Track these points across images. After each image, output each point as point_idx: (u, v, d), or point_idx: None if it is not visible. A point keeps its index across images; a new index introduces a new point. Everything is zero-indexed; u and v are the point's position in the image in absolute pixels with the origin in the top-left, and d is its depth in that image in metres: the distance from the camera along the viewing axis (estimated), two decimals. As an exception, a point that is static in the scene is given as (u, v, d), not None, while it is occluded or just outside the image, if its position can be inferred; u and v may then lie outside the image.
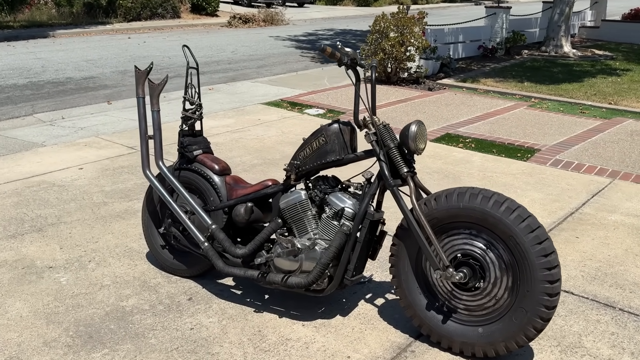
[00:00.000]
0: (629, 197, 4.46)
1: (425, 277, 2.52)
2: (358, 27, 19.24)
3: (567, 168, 5.20)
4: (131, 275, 3.19)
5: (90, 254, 3.44)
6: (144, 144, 3.07)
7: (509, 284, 2.32)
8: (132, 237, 3.68)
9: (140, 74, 3.04)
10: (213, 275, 3.15)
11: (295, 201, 2.70)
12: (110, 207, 4.20)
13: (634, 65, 10.91)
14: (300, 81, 9.34)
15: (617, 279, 3.16)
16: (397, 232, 2.54)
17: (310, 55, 12.75)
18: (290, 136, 6.14)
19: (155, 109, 3.04)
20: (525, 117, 7.07)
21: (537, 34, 13.88)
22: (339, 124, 2.63)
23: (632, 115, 7.27)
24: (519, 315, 2.26)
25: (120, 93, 8.75)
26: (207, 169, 3.00)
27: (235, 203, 2.88)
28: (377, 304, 2.89)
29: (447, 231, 2.42)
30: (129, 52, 12.86)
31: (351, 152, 2.63)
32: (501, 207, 2.26)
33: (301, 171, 2.71)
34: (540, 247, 2.20)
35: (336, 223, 2.61)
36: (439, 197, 2.40)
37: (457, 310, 2.46)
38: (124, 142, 5.88)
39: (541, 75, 9.81)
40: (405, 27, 8.72)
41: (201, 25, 20.03)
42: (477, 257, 2.35)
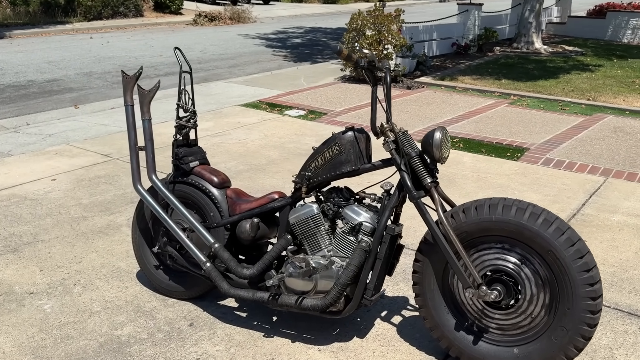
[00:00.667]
0: (627, 196, 4.41)
1: (453, 295, 2.35)
2: (327, 25, 19.08)
3: (559, 167, 5.13)
4: (123, 299, 2.92)
5: (75, 276, 3.15)
6: (134, 156, 2.80)
7: (546, 301, 2.17)
8: (118, 255, 3.40)
9: (128, 79, 2.77)
10: (213, 296, 2.92)
11: (306, 215, 2.49)
12: (91, 221, 3.90)
13: (605, 60, 11.05)
14: (277, 81, 9.10)
15: (634, 285, 3.06)
16: (421, 247, 2.36)
17: (283, 54, 12.50)
18: (274, 139, 5.91)
19: (146, 117, 2.78)
20: (508, 115, 7.01)
21: (507, 30, 13.97)
22: (353, 132, 2.44)
23: (612, 111, 7.31)
24: (559, 334, 2.11)
25: (87, 96, 8.34)
26: (206, 182, 2.76)
27: (239, 219, 2.65)
28: (395, 322, 2.71)
29: (477, 245, 2.26)
30: (92, 53, 12.35)
31: (367, 162, 2.44)
32: (538, 220, 2.10)
33: (312, 183, 2.50)
34: (582, 261, 2.05)
35: (353, 239, 2.42)
36: (467, 209, 2.23)
37: (489, 330, 2.30)
38: (97, 150, 5.55)
39: (517, 72, 9.82)
40: (383, 25, 8.58)
41: (165, 23, 19.52)
42: (511, 273, 2.19)
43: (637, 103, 7.66)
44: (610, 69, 10.12)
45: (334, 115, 6.85)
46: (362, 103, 7.49)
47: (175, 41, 14.48)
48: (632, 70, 10.03)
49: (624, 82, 9.00)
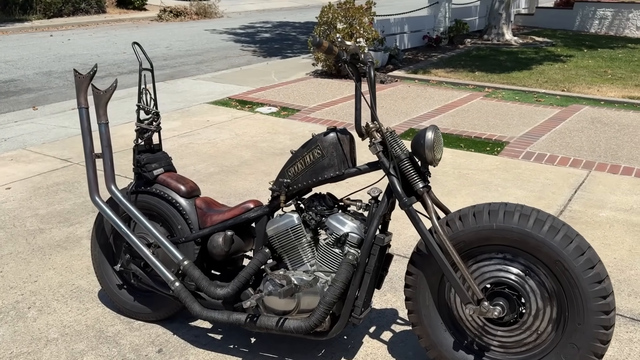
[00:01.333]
0: (612, 190, 4.29)
1: (450, 310, 2.14)
2: (296, 19, 18.76)
3: (540, 161, 4.99)
4: (83, 323, 2.63)
5: (29, 298, 2.85)
6: (90, 164, 2.51)
7: (553, 316, 1.97)
8: (78, 273, 3.10)
9: (81, 79, 2.48)
10: (184, 317, 2.65)
11: (286, 227, 2.24)
12: (48, 234, 3.58)
13: (575, 51, 11.05)
14: (246, 77, 8.79)
15: (632, 287, 2.91)
16: (414, 259, 2.14)
17: (252, 49, 12.18)
18: (246, 138, 5.64)
19: (103, 121, 2.49)
20: (484, 108, 6.87)
21: (477, 22, 13.91)
22: (336, 133, 2.19)
23: (586, 101, 7.23)
24: (569, 352, 1.92)
25: (47, 97, 7.91)
26: (172, 191, 2.49)
27: (210, 232, 2.38)
28: (385, 338, 2.49)
29: (475, 256, 2.05)
30: (52, 52, 11.83)
31: (352, 166, 2.20)
32: (544, 227, 1.90)
33: (292, 190, 2.26)
34: (593, 272, 1.86)
35: (338, 251, 2.18)
36: (464, 216, 2.02)
37: (490, 348, 2.09)
38: (56, 154, 5.19)
39: (489, 64, 9.72)
40: (354, 18, 8.35)
41: (129, 19, 18.95)
42: (514, 286, 1.99)
43: (611, 93, 7.62)
44: (581, 59, 10.11)
45: (307, 112, 6.59)
46: (336, 99, 7.26)
47: (139, 37, 14.00)
48: (602, 60, 10.03)
49: (596, 72, 8.97)
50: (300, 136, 5.70)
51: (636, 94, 7.56)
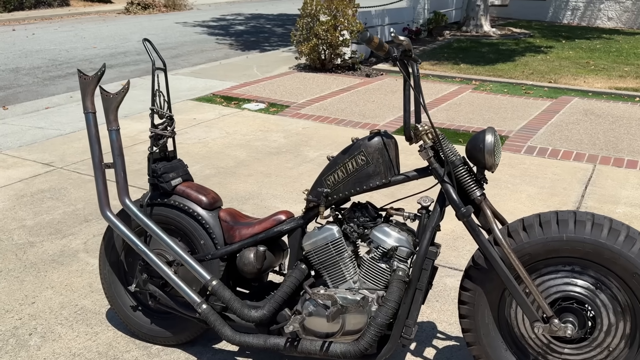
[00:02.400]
0: (622, 184, 4.22)
1: (510, 327, 1.98)
2: (268, 11, 18.42)
3: (543, 155, 4.91)
4: (94, 350, 2.39)
5: (29, 323, 2.58)
6: (99, 175, 2.26)
7: (626, 332, 1.83)
8: (80, 291, 2.84)
9: (87, 81, 2.22)
10: (207, 339, 2.43)
11: (326, 240, 2.04)
12: (40, 248, 3.29)
13: (553, 42, 11.09)
14: (227, 72, 8.50)
15: (670, 288, 2.81)
16: (472, 274, 1.97)
17: (228, 43, 11.84)
18: (238, 137, 5.39)
19: (114, 127, 2.24)
20: (475, 102, 6.77)
21: (453, 14, 13.84)
22: (381, 137, 2.00)
23: (575, 93, 7.21)
24: (646, 370, 1.79)
25: (17, 95, 7.48)
26: (192, 203, 2.26)
27: (240, 247, 2.17)
28: (428, 356, 2.32)
29: (540, 269, 1.89)
30: (17, 47, 11.26)
31: (398, 172, 2.01)
32: (619, 237, 1.75)
33: (331, 200, 2.06)
34: (674, 285, 1.72)
35: (385, 266, 2.00)
36: (530, 226, 1.86)
37: (556, 367, 1.94)
38: (37, 158, 4.85)
39: (472, 56, 9.65)
40: (338, 10, 8.14)
41: (95, 13, 18.29)
42: (585, 300, 1.84)
43: (597, 84, 7.62)
44: (561, 50, 10.13)
45: (297, 108, 6.37)
46: (325, 94, 7.05)
47: (108, 31, 13.49)
48: (582, 51, 10.08)
49: (579, 64, 8.99)
50: (294, 134, 5.49)
51: (622, 85, 7.58)
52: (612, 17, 14.50)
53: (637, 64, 9.00)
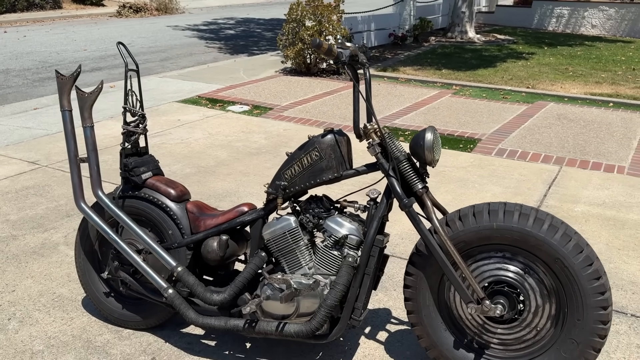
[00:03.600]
0: (584, 185, 4.41)
1: (450, 310, 2.16)
2: (260, 16, 18.61)
3: (513, 157, 5.10)
4: (69, 333, 2.54)
5: (9, 309, 2.73)
6: (74, 169, 2.42)
7: (552, 313, 2.01)
8: (58, 280, 2.99)
9: (64, 81, 2.38)
10: (175, 324, 2.59)
11: (284, 230, 2.21)
12: (22, 241, 3.44)
13: (536, 48, 11.33)
14: (214, 74, 8.67)
15: (613, 279, 3.00)
16: (414, 260, 2.15)
17: (217, 46, 12.01)
18: (220, 138, 5.56)
19: (88, 124, 2.40)
20: (454, 106, 6.97)
21: (440, 20, 14.09)
22: (334, 135, 2.18)
23: (551, 98, 7.43)
24: (569, 347, 1.96)
25: (6, 96, 7.61)
26: (162, 195, 2.43)
27: (204, 236, 2.33)
28: (381, 339, 2.49)
29: (474, 255, 2.07)
30: (8, 49, 11.39)
31: (350, 167, 2.19)
32: (544, 226, 1.93)
33: (289, 193, 2.23)
34: (591, 269, 1.90)
35: (337, 253, 2.17)
36: (465, 216, 2.04)
37: (490, 346, 2.12)
38: (23, 157, 4.99)
39: (455, 61, 9.87)
40: (323, 15, 8.34)
41: (87, 15, 18.42)
42: (514, 284, 2.02)
43: (574, 90, 7.84)
44: (543, 57, 10.37)
45: (280, 110, 6.55)
46: (308, 97, 7.23)
47: (99, 34, 13.63)
48: (563, 58, 10.32)
49: (558, 70, 9.23)
50: (275, 135, 5.66)
51: (597, 91, 7.81)
52: (595, 25, 14.77)
53: (614, 71, 9.25)
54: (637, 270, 3.10)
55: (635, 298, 2.83)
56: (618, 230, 3.62)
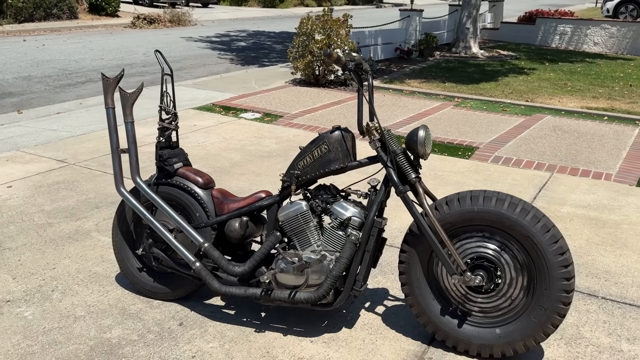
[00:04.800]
0: (572, 189, 4.76)
1: (437, 282, 2.51)
2: (270, 29, 19.12)
3: (508, 164, 5.45)
4: (106, 302, 2.91)
5: (51, 283, 3.10)
6: (116, 158, 2.80)
7: (524, 284, 2.36)
8: (93, 261, 3.36)
9: (108, 83, 2.77)
10: (199, 296, 2.95)
11: (296, 212, 2.58)
12: (57, 228, 3.82)
13: (537, 64, 11.72)
14: (227, 84, 9.09)
15: (589, 269, 3.34)
16: (407, 239, 2.51)
17: (229, 57, 12.47)
18: (233, 142, 5.94)
19: (129, 120, 2.79)
20: (455, 117, 7.34)
21: (445, 35, 14.52)
22: (340, 131, 2.55)
23: (548, 111, 7.79)
24: (538, 313, 2.31)
25: (30, 101, 8.05)
26: (191, 183, 2.80)
27: (227, 218, 2.70)
28: (379, 312, 2.84)
29: (459, 235, 2.43)
30: (29, 56, 11.88)
31: (354, 159, 2.56)
32: (517, 209, 2.29)
33: (301, 181, 2.60)
34: (557, 245, 2.26)
35: (342, 233, 2.53)
36: (451, 201, 2.40)
37: (472, 313, 2.47)
38: (51, 155, 5.39)
39: (458, 75, 10.26)
40: (332, 30, 8.76)
41: (102, 26, 18.98)
42: (492, 259, 2.37)
43: (570, 104, 8.21)
44: (543, 72, 10.75)
45: (290, 118, 6.94)
46: (316, 106, 7.62)
47: (115, 44, 14.13)
48: (563, 73, 10.70)
49: (557, 85, 9.60)
50: (285, 140, 6.04)
51: (593, 105, 8.17)
52: (598, 42, 15.15)
53: (611, 87, 9.61)
54: (611, 262, 3.44)
55: (606, 284, 3.17)
56: (599, 228, 3.97)
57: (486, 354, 2.43)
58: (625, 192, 4.74)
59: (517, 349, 2.37)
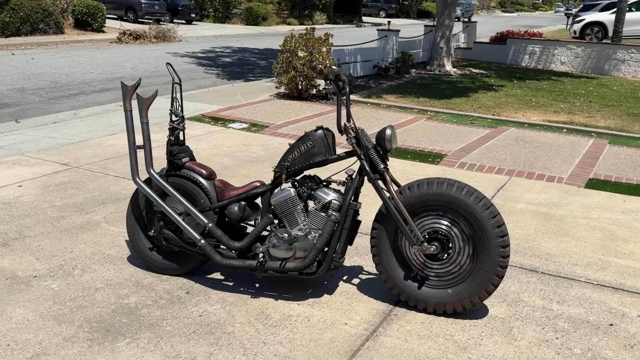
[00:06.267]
0: (527, 190, 5.38)
1: (402, 253, 3.06)
2: (253, 45, 19.74)
3: (472, 169, 6.06)
4: (121, 277, 3.40)
5: (71, 263, 3.57)
6: (133, 153, 3.31)
7: (470, 252, 2.92)
8: (105, 246, 3.84)
9: (127, 89, 3.29)
10: (201, 272, 3.45)
11: (286, 198, 3.12)
12: (70, 220, 4.29)
13: (506, 81, 12.49)
14: (215, 97, 9.62)
15: (534, 252, 3.93)
16: (377, 218, 3.06)
17: (215, 72, 13.01)
18: (224, 149, 6.46)
19: (145, 121, 3.31)
20: (427, 128, 7.97)
21: (421, 54, 15.27)
22: (323, 130, 3.11)
23: (513, 124, 8.47)
24: (481, 275, 2.87)
25: (26, 111, 8.48)
26: (196, 175, 3.32)
27: (228, 203, 3.23)
28: (354, 283, 3.38)
29: (418, 214, 2.98)
30: (20, 69, 12.28)
31: (334, 154, 3.11)
32: (463, 191, 2.86)
33: (290, 172, 3.14)
34: (494, 220, 2.83)
35: (324, 214, 3.07)
36: (412, 186, 2.96)
37: (429, 277, 3.02)
38: (55, 159, 5.85)
39: (432, 91, 10.95)
40: (314, 47, 9.37)
41: (88, 41, 19.41)
42: (444, 233, 2.93)
43: (534, 117, 8.91)
44: (511, 89, 11.50)
45: (275, 128, 7.50)
46: (299, 117, 8.19)
47: (103, 58, 14.59)
48: (529, 90, 11.46)
49: (523, 100, 10.33)
50: (272, 147, 6.58)
51: (554, 118, 8.88)
52: (564, 62, 16.06)
53: (572, 102, 10.37)
54: (553, 247, 4.03)
55: (546, 263, 3.75)
56: (546, 221, 4.57)
57: (440, 310, 2.98)
58: (573, 193, 5.38)
59: (465, 305, 2.93)
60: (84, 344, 2.71)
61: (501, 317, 3.05)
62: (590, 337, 2.90)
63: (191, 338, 2.78)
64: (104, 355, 2.63)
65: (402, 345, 2.77)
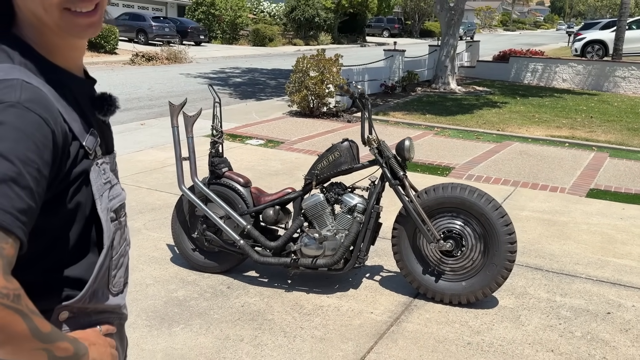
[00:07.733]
0: (531, 199, 5.76)
1: (420, 250, 3.45)
2: (262, 66, 20.31)
3: (479, 180, 6.45)
4: (167, 275, 3.78)
5: (120, 263, 3.96)
6: (179, 164, 3.73)
7: (481, 249, 3.30)
8: (149, 249, 4.23)
9: (174, 107, 3.72)
10: (238, 271, 3.84)
11: (316, 202, 3.51)
12: (112, 227, 4.68)
13: (510, 98, 12.93)
14: (230, 115, 10.05)
15: (539, 253, 4.30)
16: (398, 219, 3.45)
17: (227, 92, 13.51)
18: (244, 163, 6.88)
19: (190, 135, 3.73)
20: (434, 143, 8.39)
21: (426, 73, 15.76)
22: (348, 142, 3.52)
23: (517, 139, 8.87)
24: (491, 269, 3.25)
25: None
26: (235, 183, 3.73)
27: (264, 207, 3.63)
28: (376, 279, 3.76)
29: (435, 215, 3.37)
30: (41, 90, 12.77)
31: (358, 163, 3.51)
32: (474, 194, 3.25)
33: (319, 179, 3.54)
34: (503, 219, 3.21)
35: (350, 216, 3.46)
36: (428, 191, 3.36)
37: (445, 272, 3.40)
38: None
39: (437, 108, 11.38)
40: (325, 67, 9.84)
41: (102, 63, 20.00)
42: (458, 232, 3.32)
43: (537, 132, 9.32)
44: (514, 106, 11.93)
45: (290, 144, 7.92)
46: (313, 134, 8.62)
47: (119, 80, 15.12)
48: (532, 107, 11.89)
49: (526, 116, 10.75)
50: (289, 162, 7.00)
51: (557, 133, 9.29)
52: (566, 79, 16.51)
53: (574, 118, 10.78)
54: (556, 249, 4.40)
55: (550, 262, 4.12)
56: (550, 226, 4.95)
57: (456, 301, 3.35)
58: (575, 201, 5.75)
59: (478, 296, 3.30)
60: (143, 330, 3.09)
61: (510, 307, 3.42)
62: (589, 323, 3.27)
63: (237, 324, 3.16)
64: (163, 338, 3.01)
65: (422, 329, 3.14)
